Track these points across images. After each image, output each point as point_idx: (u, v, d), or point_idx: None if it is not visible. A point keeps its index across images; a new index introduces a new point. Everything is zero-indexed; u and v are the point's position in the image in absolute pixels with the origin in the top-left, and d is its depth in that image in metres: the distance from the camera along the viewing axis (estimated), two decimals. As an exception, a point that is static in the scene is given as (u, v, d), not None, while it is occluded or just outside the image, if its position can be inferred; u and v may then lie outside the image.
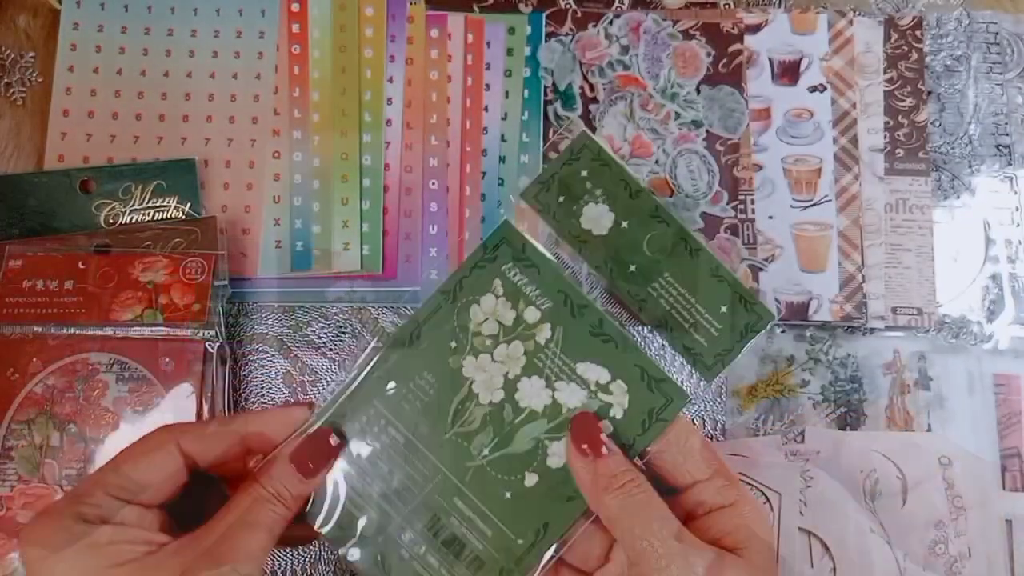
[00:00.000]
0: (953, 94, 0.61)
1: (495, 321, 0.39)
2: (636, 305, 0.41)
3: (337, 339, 0.56)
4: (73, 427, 0.51)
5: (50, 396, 0.51)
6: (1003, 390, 0.56)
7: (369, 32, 0.59)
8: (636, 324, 0.57)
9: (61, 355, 0.51)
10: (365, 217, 0.57)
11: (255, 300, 0.57)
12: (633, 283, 0.41)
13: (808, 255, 0.58)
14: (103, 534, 0.32)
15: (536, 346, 0.39)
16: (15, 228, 0.55)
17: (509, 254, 0.40)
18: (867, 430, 0.56)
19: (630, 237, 0.41)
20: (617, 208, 0.41)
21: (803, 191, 0.59)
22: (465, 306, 0.39)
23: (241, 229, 0.57)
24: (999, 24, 0.62)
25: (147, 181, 0.56)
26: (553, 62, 0.60)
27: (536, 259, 0.40)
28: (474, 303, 0.39)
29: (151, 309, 0.52)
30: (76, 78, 0.59)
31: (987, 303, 0.58)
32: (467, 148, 0.59)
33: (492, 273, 0.40)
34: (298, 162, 0.58)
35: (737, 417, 0.56)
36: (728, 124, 0.59)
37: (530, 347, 0.39)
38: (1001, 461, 0.55)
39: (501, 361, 0.39)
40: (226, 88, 0.59)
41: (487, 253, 0.40)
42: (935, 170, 0.60)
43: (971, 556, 0.53)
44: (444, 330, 0.39)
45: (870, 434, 0.55)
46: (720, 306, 0.40)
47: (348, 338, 0.56)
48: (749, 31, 0.61)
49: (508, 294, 0.39)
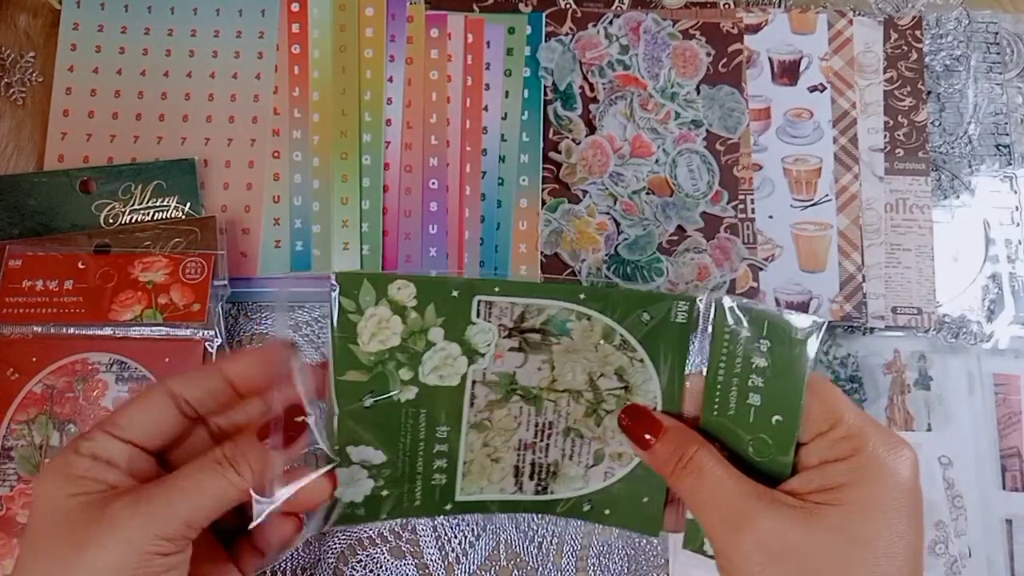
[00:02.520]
0: (953, 94, 0.61)
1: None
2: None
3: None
4: (73, 427, 0.50)
5: (50, 396, 0.51)
6: (1003, 390, 0.56)
7: (369, 32, 0.59)
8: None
9: (61, 355, 0.51)
10: (365, 217, 0.57)
11: (255, 300, 0.57)
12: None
13: (808, 255, 0.58)
14: (81, 465, 0.33)
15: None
16: (15, 228, 0.55)
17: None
18: (867, 430, 0.56)
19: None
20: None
21: (803, 191, 0.59)
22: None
23: (241, 229, 0.57)
24: (999, 24, 0.62)
25: (147, 181, 0.56)
26: (553, 62, 0.60)
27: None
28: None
29: (151, 309, 0.52)
30: (76, 78, 0.59)
31: (987, 303, 0.58)
32: (467, 148, 0.59)
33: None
34: (298, 162, 0.58)
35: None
36: (728, 124, 0.59)
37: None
38: (1001, 461, 0.55)
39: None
40: (226, 88, 0.59)
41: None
42: (935, 170, 0.60)
43: (971, 556, 0.53)
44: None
45: (870, 434, 0.55)
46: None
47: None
48: (749, 31, 0.61)
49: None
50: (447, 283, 0.36)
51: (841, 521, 0.32)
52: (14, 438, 0.50)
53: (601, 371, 0.38)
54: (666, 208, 0.58)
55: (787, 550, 0.32)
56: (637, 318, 0.38)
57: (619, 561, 0.53)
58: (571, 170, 0.59)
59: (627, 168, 0.59)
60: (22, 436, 0.50)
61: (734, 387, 0.37)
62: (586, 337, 0.38)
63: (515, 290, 0.37)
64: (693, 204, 0.58)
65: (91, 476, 0.33)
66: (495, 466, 0.39)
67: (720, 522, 0.33)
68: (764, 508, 0.33)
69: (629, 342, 0.38)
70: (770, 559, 0.32)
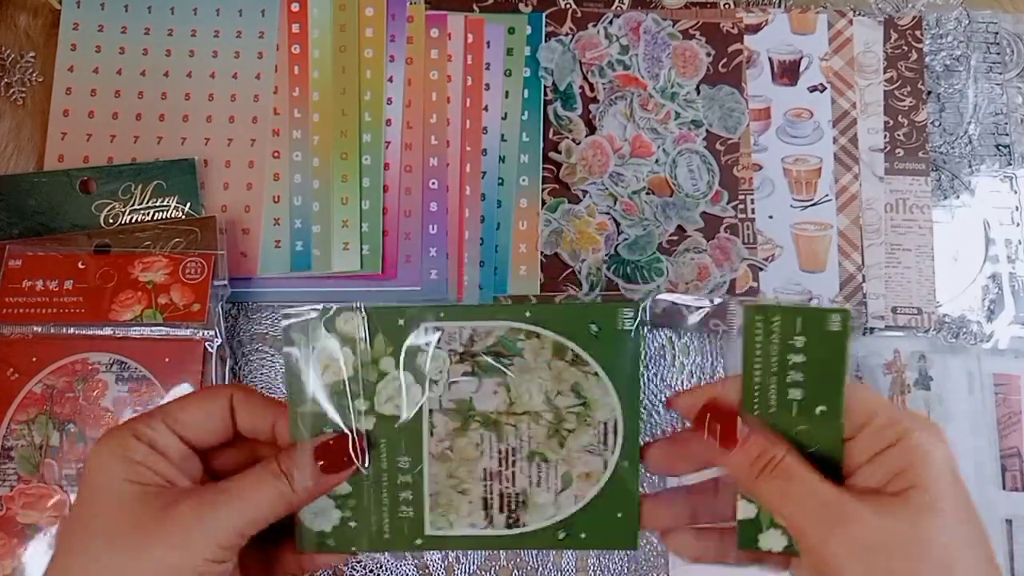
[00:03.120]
0: (953, 94, 0.61)
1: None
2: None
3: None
4: (73, 427, 0.50)
5: (50, 396, 0.51)
6: (1003, 390, 0.56)
7: (369, 32, 0.59)
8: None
9: (61, 355, 0.51)
10: (365, 217, 0.57)
11: (255, 300, 0.57)
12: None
13: (808, 255, 0.58)
14: (140, 451, 0.33)
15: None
16: (15, 228, 0.55)
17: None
18: (867, 430, 0.56)
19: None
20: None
21: (803, 191, 0.59)
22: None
23: (241, 229, 0.57)
24: (999, 24, 0.62)
25: (147, 181, 0.56)
26: (553, 62, 0.60)
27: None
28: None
29: (151, 309, 0.52)
30: (76, 78, 0.59)
31: (987, 303, 0.58)
32: (467, 148, 0.59)
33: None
34: (298, 162, 0.58)
35: (737, 417, 0.56)
36: (728, 124, 0.59)
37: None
38: (1001, 461, 0.55)
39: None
40: (226, 88, 0.59)
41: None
42: (935, 170, 0.60)
43: (971, 556, 0.53)
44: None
45: (870, 434, 0.55)
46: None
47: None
48: (749, 31, 0.61)
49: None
50: (394, 312, 0.37)
51: (920, 504, 0.33)
52: (14, 438, 0.50)
53: (558, 389, 0.38)
54: (666, 208, 0.58)
55: (882, 543, 0.33)
56: (585, 330, 0.38)
57: (619, 561, 0.53)
58: (571, 170, 0.59)
59: (627, 168, 0.59)
60: (22, 436, 0.50)
61: (772, 385, 0.37)
62: (538, 355, 0.38)
63: (461, 315, 0.37)
64: (693, 204, 0.58)
65: (148, 464, 0.33)
66: (463, 499, 0.39)
67: (815, 523, 0.34)
68: (857, 505, 0.34)
69: (581, 356, 0.38)
70: (868, 552, 0.33)
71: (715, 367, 0.57)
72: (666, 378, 0.56)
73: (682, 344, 0.57)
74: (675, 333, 0.57)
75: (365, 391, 0.37)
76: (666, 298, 0.36)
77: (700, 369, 0.57)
